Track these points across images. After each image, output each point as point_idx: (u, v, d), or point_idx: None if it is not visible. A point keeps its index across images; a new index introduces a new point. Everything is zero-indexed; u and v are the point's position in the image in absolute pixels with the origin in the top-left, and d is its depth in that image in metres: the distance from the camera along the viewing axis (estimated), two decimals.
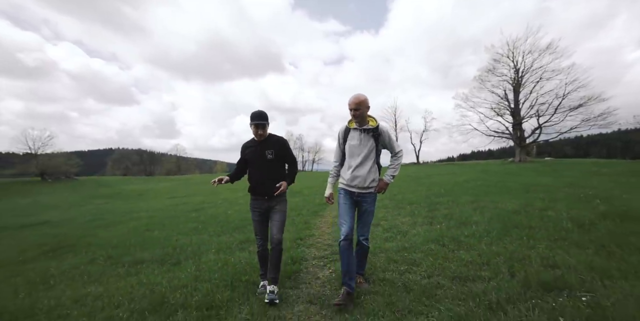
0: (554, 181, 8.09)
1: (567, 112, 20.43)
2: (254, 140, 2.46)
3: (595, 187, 6.47)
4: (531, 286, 1.90)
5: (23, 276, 3.29)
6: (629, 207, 3.85)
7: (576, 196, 5.16)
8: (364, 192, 2.26)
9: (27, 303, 2.38)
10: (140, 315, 2.04)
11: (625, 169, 10.92)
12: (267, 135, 2.42)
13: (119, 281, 2.84)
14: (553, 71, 20.93)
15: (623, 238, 2.65)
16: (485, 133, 24.10)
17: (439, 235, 3.44)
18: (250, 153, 2.44)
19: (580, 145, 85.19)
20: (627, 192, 5.35)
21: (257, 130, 2.34)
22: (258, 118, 2.32)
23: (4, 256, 4.46)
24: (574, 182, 7.56)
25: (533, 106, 21.98)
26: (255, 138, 2.43)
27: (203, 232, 5.13)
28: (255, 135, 2.39)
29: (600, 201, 4.41)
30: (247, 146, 2.49)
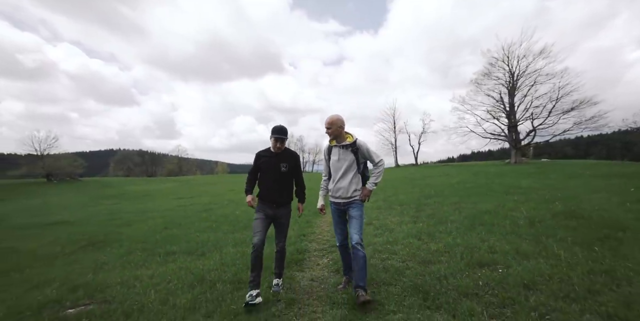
0: (535, 183, 8.85)
1: (560, 115, 21.21)
2: (269, 151, 2.62)
3: (568, 188, 7.24)
4: (471, 264, 2.68)
5: (79, 264, 4.06)
6: (578, 207, 4.63)
7: (544, 197, 5.93)
8: (348, 202, 2.49)
9: (98, 280, 3.16)
10: (189, 287, 2.80)
11: (607, 171, 11.68)
12: (283, 149, 2.60)
13: (161, 267, 3.61)
14: (547, 75, 21.72)
15: (554, 230, 3.44)
16: (482, 136, 24.88)
17: (418, 231, 4.22)
18: (264, 162, 2.59)
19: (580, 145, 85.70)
20: (590, 193, 6.12)
21: (276, 143, 2.52)
22: (279, 132, 2.50)
23: (51, 250, 5.23)
24: (552, 184, 8.34)
25: (528, 109, 22.78)
26: (271, 150, 2.60)
27: (217, 230, 5.89)
28: (273, 148, 2.57)
29: (559, 202, 5.18)
30: (262, 155, 2.63)
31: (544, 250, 2.83)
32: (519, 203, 5.60)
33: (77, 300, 2.66)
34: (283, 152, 2.60)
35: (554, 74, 21.30)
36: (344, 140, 2.49)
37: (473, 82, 24.64)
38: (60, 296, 2.76)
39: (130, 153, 59.50)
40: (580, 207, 4.70)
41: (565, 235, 3.23)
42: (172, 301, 2.47)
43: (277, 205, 2.58)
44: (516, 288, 2.16)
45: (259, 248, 2.39)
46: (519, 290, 2.12)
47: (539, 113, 22.11)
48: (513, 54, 22.73)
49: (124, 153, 60.45)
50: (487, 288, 2.23)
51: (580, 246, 2.84)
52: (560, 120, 21.35)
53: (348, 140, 2.48)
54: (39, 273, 3.77)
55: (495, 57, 23.32)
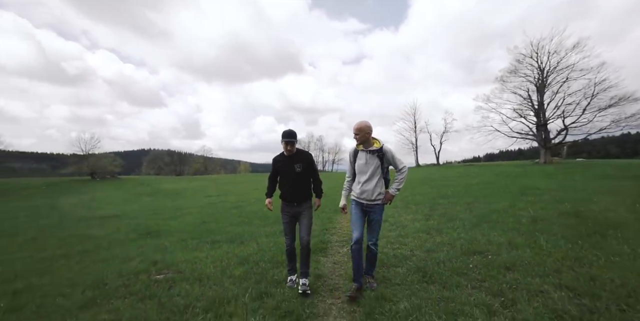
0: (555, 184, 8.90)
1: (596, 112, 20.14)
2: (283, 155, 2.85)
3: (586, 190, 7.33)
4: (467, 253, 3.25)
5: (146, 247, 5.07)
6: (585, 208, 4.93)
7: (555, 198, 6.18)
8: (371, 204, 2.63)
9: (167, 258, 4.08)
10: (237, 264, 3.62)
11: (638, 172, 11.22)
12: (295, 151, 2.81)
13: (211, 251, 4.48)
14: (581, 70, 20.68)
15: (551, 227, 3.87)
16: (508, 135, 24.15)
17: (428, 228, 4.78)
18: (281, 166, 2.83)
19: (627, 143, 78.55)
20: (606, 195, 6.26)
21: (287, 146, 2.72)
22: (289, 136, 2.71)
23: (117, 237, 6.38)
24: (573, 185, 8.38)
25: (559, 107, 21.82)
26: (284, 153, 2.83)
27: (250, 224, 6.77)
28: (285, 151, 2.79)
29: (569, 203, 5.46)
30: (278, 160, 2.88)
31: (533, 243, 3.32)
32: (529, 203, 5.92)
33: (158, 270, 3.57)
34: (296, 153, 2.80)
35: (589, 69, 20.27)
36: (370, 145, 2.61)
37: (498, 79, 23.98)
38: (145, 267, 3.69)
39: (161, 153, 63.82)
40: (588, 207, 4.99)
41: (558, 231, 3.67)
42: (228, 272, 3.30)
43: (297, 203, 2.82)
44: (499, 269, 2.73)
45: (291, 247, 2.87)
46: (500, 270, 2.69)
47: (572, 111, 21.12)
48: (543, 49, 21.87)
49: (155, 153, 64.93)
50: (475, 269, 2.80)
51: (566, 240, 3.30)
52: (596, 118, 20.29)
53: (375, 145, 2.60)
54: (120, 252, 4.82)
55: (523, 54, 22.56)
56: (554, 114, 22.08)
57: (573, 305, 1.95)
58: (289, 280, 2.86)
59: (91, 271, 3.81)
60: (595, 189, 7.46)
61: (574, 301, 2.01)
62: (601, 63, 19.76)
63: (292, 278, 2.87)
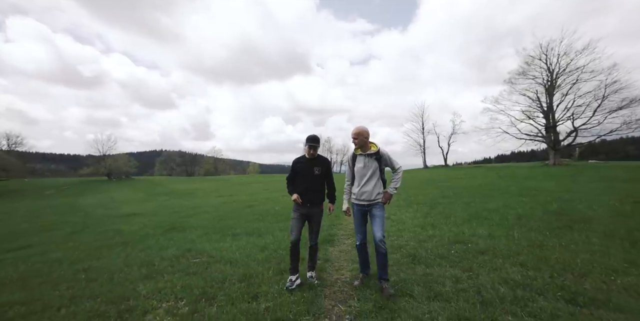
0: (555, 186, 9.32)
1: (606, 114, 20.13)
2: (304, 157, 3.03)
3: (582, 191, 7.77)
4: (452, 242, 3.88)
5: (175, 240, 5.87)
6: (570, 207, 5.46)
7: (547, 199, 6.68)
8: (372, 204, 2.79)
9: (197, 247, 4.85)
10: (258, 251, 4.34)
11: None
12: (316, 155, 3.00)
13: (234, 242, 5.23)
14: (592, 72, 20.70)
15: (529, 222, 4.45)
16: (516, 137, 24.26)
17: (425, 223, 5.41)
18: (301, 167, 2.99)
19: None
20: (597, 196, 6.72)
21: (310, 150, 2.92)
22: (313, 141, 2.90)
23: (145, 232, 7.23)
24: (571, 187, 8.81)
25: (569, 108, 21.84)
26: (306, 156, 3.02)
27: (264, 221, 7.51)
28: (307, 154, 2.98)
29: (558, 203, 5.99)
30: (298, 161, 3.04)
31: (508, 235, 3.93)
32: (522, 203, 6.46)
33: (193, 255, 4.34)
34: (316, 158, 3.02)
35: (599, 70, 20.29)
36: (368, 149, 2.80)
37: (507, 81, 24.15)
38: (181, 253, 4.47)
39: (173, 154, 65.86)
40: (572, 206, 5.52)
41: (535, 226, 4.26)
42: (252, 257, 4.03)
43: (311, 204, 2.93)
44: (474, 253, 3.36)
45: (296, 243, 2.90)
46: (475, 254, 3.32)
47: (582, 113, 21.14)
48: (552, 51, 21.97)
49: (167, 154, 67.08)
50: (456, 254, 3.44)
51: (538, 232, 3.89)
52: (607, 120, 20.26)
53: (372, 149, 2.79)
54: (153, 243, 5.64)
55: (531, 56, 22.71)
56: (564, 116, 22.13)
57: (519, 275, 2.59)
58: (288, 281, 2.82)
59: (137, 256, 4.62)
60: (589, 190, 7.89)
61: (522, 273, 2.64)
62: (612, 64, 19.78)
63: (292, 278, 2.84)
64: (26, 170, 35.67)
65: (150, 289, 2.99)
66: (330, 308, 2.46)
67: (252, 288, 2.86)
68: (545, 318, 1.93)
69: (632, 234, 3.57)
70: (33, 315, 2.53)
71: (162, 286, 3.09)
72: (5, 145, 36.12)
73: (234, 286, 2.94)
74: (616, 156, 65.98)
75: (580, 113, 21.23)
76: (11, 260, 5.23)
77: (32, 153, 58.73)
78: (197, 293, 2.81)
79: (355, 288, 2.78)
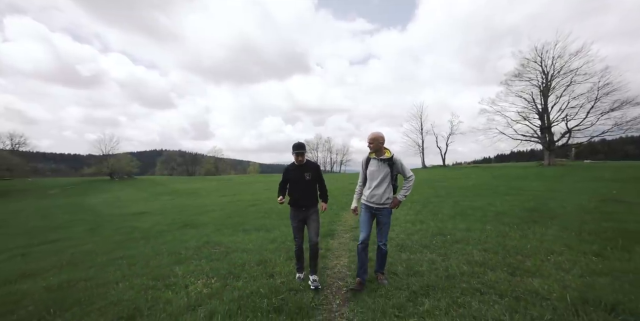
0: (541, 185, 10.05)
1: (598, 115, 20.86)
2: (294, 164, 3.21)
3: (563, 190, 8.50)
4: (434, 235, 4.59)
5: (191, 234, 6.58)
6: (545, 205, 6.17)
7: (528, 197, 7.40)
8: (380, 207, 2.90)
9: (213, 240, 5.56)
10: (269, 242, 5.05)
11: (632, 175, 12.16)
12: (305, 161, 3.19)
13: (245, 236, 5.94)
14: (585, 74, 21.46)
15: (504, 218, 5.16)
16: (512, 137, 25.00)
17: (415, 219, 6.11)
18: (291, 174, 3.18)
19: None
20: (576, 194, 7.44)
21: (298, 157, 3.10)
22: (299, 148, 3.08)
23: (160, 228, 7.93)
24: (555, 187, 9.53)
25: (563, 110, 22.58)
26: (295, 163, 3.19)
27: (269, 218, 8.22)
28: (296, 161, 3.16)
29: (535, 201, 6.71)
30: (289, 169, 3.23)
31: (483, 228, 4.65)
32: (505, 201, 7.18)
33: (211, 247, 5.05)
34: (306, 163, 3.20)
35: (592, 73, 21.02)
36: (382, 154, 2.90)
37: (503, 83, 24.87)
38: (201, 245, 5.17)
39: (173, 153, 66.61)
40: (546, 204, 6.24)
41: (507, 220, 4.98)
42: (264, 247, 4.73)
43: (305, 208, 3.13)
44: (450, 243, 4.08)
45: (300, 247, 3.21)
46: (451, 243, 4.04)
47: (575, 114, 21.89)
48: (547, 54, 22.69)
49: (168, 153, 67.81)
50: (436, 243, 4.16)
51: (507, 226, 4.61)
52: (600, 121, 21.00)
53: (386, 154, 2.89)
54: (172, 237, 6.34)
55: (527, 58, 23.42)
56: (558, 117, 22.87)
57: (481, 257, 3.31)
58: (297, 277, 3.20)
59: (161, 248, 5.32)
60: (570, 190, 8.62)
61: (483, 256, 3.36)
62: (605, 67, 20.52)
63: (300, 275, 3.20)
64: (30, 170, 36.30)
65: (184, 270, 3.70)
66: (331, 283, 3.17)
67: (268, 269, 3.57)
68: (489, 284, 2.64)
69: (583, 226, 4.29)
70: (99, 287, 3.24)
71: (193, 269, 3.80)
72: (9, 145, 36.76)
73: (253, 268, 3.65)
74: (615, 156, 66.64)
75: (574, 114, 22.02)
76: (48, 251, 5.95)
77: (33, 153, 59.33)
78: (223, 273, 3.52)
79: (350, 268, 3.49)
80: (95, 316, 2.53)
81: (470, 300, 2.40)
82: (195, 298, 2.81)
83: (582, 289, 2.35)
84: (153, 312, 2.55)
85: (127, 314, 2.53)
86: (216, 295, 2.84)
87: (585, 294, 2.24)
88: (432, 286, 2.74)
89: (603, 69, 20.50)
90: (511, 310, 2.17)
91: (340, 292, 2.91)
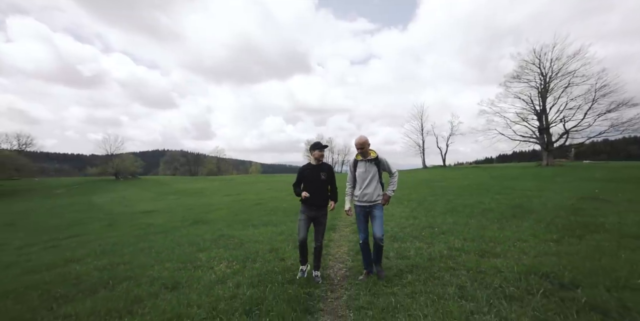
0: (532, 185, 10.64)
1: (595, 117, 21.38)
2: (310, 164, 3.38)
3: (551, 189, 9.08)
4: (425, 228, 5.22)
5: (204, 229, 7.23)
6: (527, 202, 6.77)
7: (518, 196, 8.01)
8: (372, 205, 3.15)
9: (230, 233, 6.22)
10: (277, 235, 5.69)
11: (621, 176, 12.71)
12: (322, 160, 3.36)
13: (255, 230, 6.58)
14: (583, 76, 21.97)
15: (487, 214, 5.78)
16: (511, 138, 25.54)
17: (409, 215, 6.74)
18: (308, 173, 3.31)
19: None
20: (560, 193, 8.03)
21: (321, 153, 3.28)
22: (322, 146, 3.30)
23: (174, 224, 8.59)
24: (545, 186, 10.11)
25: (561, 111, 23.11)
26: (312, 163, 3.36)
27: (275, 215, 8.86)
28: (318, 158, 3.30)
29: (520, 199, 7.31)
30: (305, 168, 3.37)
31: (468, 222, 5.27)
32: (494, 200, 7.79)
33: (226, 239, 5.69)
34: (321, 164, 3.37)
35: (590, 75, 21.55)
36: (368, 155, 3.19)
37: (502, 84, 25.42)
38: (217, 237, 5.82)
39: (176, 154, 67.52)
40: (531, 202, 6.85)
41: (490, 216, 5.60)
42: (273, 238, 5.37)
43: (317, 207, 3.24)
44: (437, 234, 4.70)
45: (303, 242, 3.26)
46: (438, 234, 4.66)
47: (573, 115, 22.43)
48: (545, 56, 23.23)
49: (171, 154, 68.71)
50: (425, 234, 4.78)
51: (488, 220, 5.24)
52: (597, 122, 21.53)
53: (372, 155, 3.18)
54: (187, 232, 6.99)
55: (525, 60, 23.97)
56: (556, 118, 23.40)
57: (459, 244, 3.94)
58: (299, 271, 3.30)
59: (181, 240, 5.97)
60: (558, 189, 9.21)
61: (462, 243, 3.99)
62: (602, 69, 21.05)
63: (303, 268, 3.31)
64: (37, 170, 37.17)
65: (207, 256, 4.35)
66: (332, 265, 3.80)
67: (279, 254, 4.22)
68: (461, 263, 3.27)
69: (554, 220, 4.89)
70: (138, 269, 3.89)
71: (214, 255, 4.44)
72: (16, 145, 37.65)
73: (266, 255, 4.29)
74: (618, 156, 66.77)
75: (572, 115, 22.53)
76: (76, 244, 6.62)
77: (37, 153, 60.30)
78: (241, 258, 4.16)
79: (349, 254, 4.13)
80: (146, 286, 3.18)
81: (444, 274, 3.03)
82: (222, 275, 3.46)
83: (531, 265, 2.97)
84: (190, 284, 3.20)
85: (170, 285, 3.18)
86: (238, 273, 3.49)
87: (532, 268, 2.87)
88: (416, 265, 3.38)
89: (600, 71, 21.08)
90: (473, 279, 2.80)
91: (341, 271, 3.54)
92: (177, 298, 2.80)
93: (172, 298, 2.84)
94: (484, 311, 2.22)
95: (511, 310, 2.19)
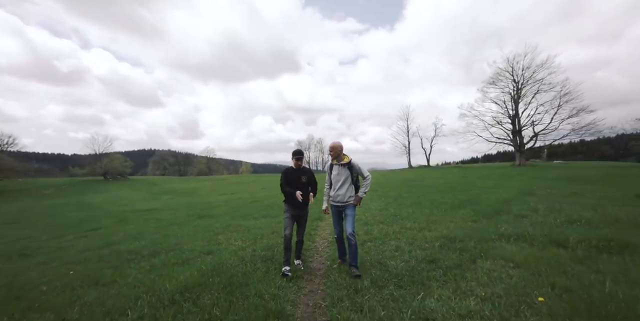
0: (493, 184, 12.53)
1: (560, 121, 23.86)
2: (292, 168, 3.80)
3: (505, 186, 10.95)
4: (394, 219, 6.85)
5: (211, 222, 8.63)
6: (477, 197, 8.54)
7: (475, 192, 9.80)
8: (344, 205, 3.53)
9: (233, 223, 7.66)
10: (276, 223, 7.19)
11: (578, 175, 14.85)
12: (302, 166, 3.79)
13: (256, 221, 8.03)
14: (550, 84, 24.40)
15: (440, 205, 7.49)
16: (488, 140, 27.85)
17: (382, 208, 8.37)
18: (290, 176, 3.73)
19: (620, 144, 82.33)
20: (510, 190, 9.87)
21: (297, 161, 3.70)
22: (299, 154, 3.71)
23: (180, 219, 9.92)
24: (501, 184, 12.01)
25: (531, 115, 25.54)
26: (294, 167, 3.78)
27: (270, 210, 10.30)
28: (295, 165, 3.75)
29: (474, 194, 9.09)
30: (288, 171, 3.79)
31: (422, 211, 6.94)
32: (453, 195, 9.54)
33: (234, 227, 7.13)
34: (303, 168, 3.79)
35: (555, 83, 23.99)
36: (342, 160, 3.50)
37: (479, 90, 27.67)
38: (225, 226, 7.26)
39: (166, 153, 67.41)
40: (479, 197, 8.62)
41: (442, 207, 7.31)
42: (273, 226, 6.87)
43: (299, 207, 3.63)
44: (397, 219, 6.34)
45: (289, 237, 3.59)
46: (397, 219, 6.30)
47: (541, 120, 24.86)
48: (518, 64, 25.57)
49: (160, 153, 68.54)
50: (388, 219, 6.39)
51: (438, 209, 6.93)
52: (561, 126, 24.01)
53: (345, 160, 3.51)
54: (196, 224, 8.39)
55: (500, 68, 26.27)
56: (527, 122, 25.80)
57: (410, 224, 5.58)
58: (283, 270, 3.46)
59: (195, 229, 7.37)
60: (511, 186, 11.11)
61: (412, 224, 5.63)
62: (565, 78, 23.52)
63: (286, 268, 3.49)
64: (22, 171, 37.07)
65: (224, 238, 5.82)
66: (319, 241, 5.36)
67: (280, 234, 5.73)
68: (406, 235, 4.90)
69: (484, 209, 6.61)
70: (169, 251, 5.29)
71: (228, 237, 5.91)
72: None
73: (270, 235, 5.80)
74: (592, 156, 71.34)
75: (540, 119, 24.95)
76: (102, 235, 7.89)
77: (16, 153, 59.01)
78: (251, 237, 5.65)
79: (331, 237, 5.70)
80: (187, 253, 4.64)
81: (391, 241, 4.65)
82: (241, 245, 4.95)
83: (446, 234, 4.62)
84: (221, 251, 4.68)
85: (206, 252, 4.65)
86: (252, 245, 5.00)
87: (446, 235, 4.53)
88: (375, 238, 4.98)
89: (564, 80, 23.54)
90: (408, 243, 4.41)
91: (323, 244, 5.11)
92: (215, 258, 4.29)
93: (211, 258, 4.32)
94: (406, 254, 3.84)
95: (421, 253, 3.82)
